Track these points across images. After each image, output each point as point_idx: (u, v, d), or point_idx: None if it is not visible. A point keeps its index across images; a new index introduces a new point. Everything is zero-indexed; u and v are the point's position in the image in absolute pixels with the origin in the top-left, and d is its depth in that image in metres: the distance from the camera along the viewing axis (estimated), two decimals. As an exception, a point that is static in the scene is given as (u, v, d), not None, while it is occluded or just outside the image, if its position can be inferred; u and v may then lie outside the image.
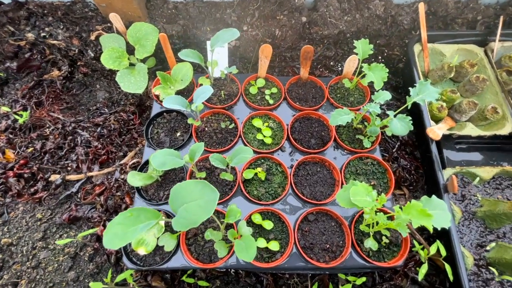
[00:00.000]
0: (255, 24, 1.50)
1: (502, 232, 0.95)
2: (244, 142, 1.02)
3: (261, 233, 0.89)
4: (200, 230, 0.88)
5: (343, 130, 1.07)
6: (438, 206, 0.71)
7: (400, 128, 0.84)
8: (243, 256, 0.62)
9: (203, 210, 0.54)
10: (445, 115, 1.11)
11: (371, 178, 0.98)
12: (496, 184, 1.03)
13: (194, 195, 0.57)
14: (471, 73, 1.17)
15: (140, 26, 1.22)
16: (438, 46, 1.25)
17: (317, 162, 1.01)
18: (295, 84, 1.17)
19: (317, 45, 1.45)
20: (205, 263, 0.84)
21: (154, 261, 0.85)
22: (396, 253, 0.87)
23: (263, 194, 0.94)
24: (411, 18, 1.49)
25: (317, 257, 0.86)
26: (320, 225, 0.90)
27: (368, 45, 0.97)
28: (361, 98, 1.14)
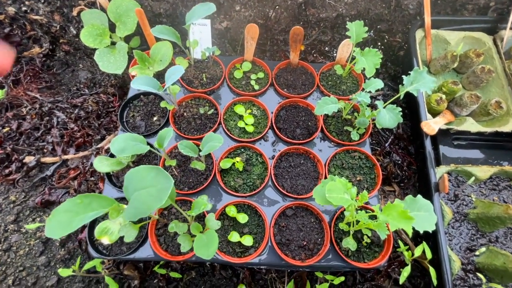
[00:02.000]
0: (249, 3, 1.40)
1: (495, 236, 0.88)
2: (224, 129, 0.95)
3: (235, 226, 0.84)
4: (171, 219, 0.83)
5: (332, 121, 0.99)
6: (423, 207, 0.64)
7: (388, 120, 0.76)
8: (201, 253, 0.57)
9: (154, 198, 0.49)
10: (444, 108, 1.02)
11: (357, 173, 0.91)
12: (493, 184, 0.96)
13: (146, 182, 0.51)
14: (476, 63, 1.08)
15: (121, 1, 1.14)
16: (442, 33, 1.15)
17: (301, 154, 0.95)
18: (284, 69, 1.09)
19: (313, 28, 1.35)
20: (173, 255, 0.80)
21: (121, 250, 0.81)
22: (377, 253, 0.81)
23: (241, 185, 0.88)
24: (418, 2, 1.37)
25: (293, 254, 0.81)
26: (299, 220, 0.85)
27: (363, 27, 0.88)
28: (354, 86, 1.06)
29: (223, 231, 0.83)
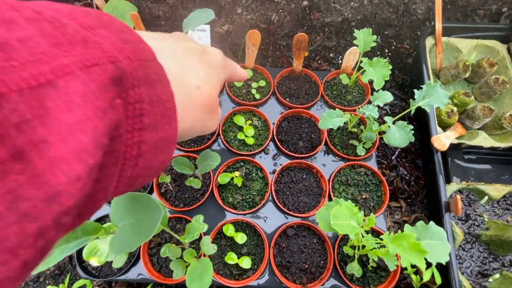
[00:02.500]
0: (251, 7, 1.35)
1: (509, 260, 0.83)
2: (223, 141, 0.90)
3: (232, 246, 0.79)
4: (165, 239, 0.79)
5: (336, 133, 0.94)
6: (436, 235, 0.59)
7: (399, 139, 0.71)
8: (194, 287, 0.52)
9: (139, 233, 0.44)
10: (455, 121, 0.97)
11: (363, 190, 0.86)
12: (507, 204, 0.90)
13: (134, 212, 0.46)
14: (489, 73, 1.02)
15: (117, 4, 1.10)
16: (454, 41, 1.10)
17: (303, 168, 0.90)
18: (287, 77, 1.04)
19: (317, 33, 1.30)
20: (167, 277, 0.75)
21: (111, 271, 0.76)
22: (384, 278, 0.76)
23: (239, 202, 0.84)
24: (427, 7, 1.32)
25: (294, 278, 0.76)
26: (300, 241, 0.80)
27: (371, 36, 0.83)
28: (360, 97, 1.00)
29: (220, 252, 0.78)
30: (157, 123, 0.21)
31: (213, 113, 0.30)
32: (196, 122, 0.28)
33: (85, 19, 0.18)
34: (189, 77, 0.27)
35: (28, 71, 0.13)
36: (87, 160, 0.15)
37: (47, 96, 0.14)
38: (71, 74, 0.15)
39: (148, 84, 0.20)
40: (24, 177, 0.13)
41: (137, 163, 0.20)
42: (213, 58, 0.31)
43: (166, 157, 0.23)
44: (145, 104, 0.19)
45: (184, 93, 0.26)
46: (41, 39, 0.15)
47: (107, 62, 0.17)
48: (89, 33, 0.17)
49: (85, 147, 0.15)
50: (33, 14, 0.15)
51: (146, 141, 0.20)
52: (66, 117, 0.15)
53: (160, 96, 0.21)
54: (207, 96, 0.28)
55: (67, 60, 0.15)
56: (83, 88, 0.15)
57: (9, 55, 0.13)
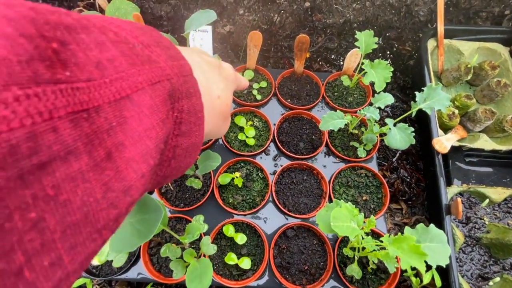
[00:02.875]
0: (253, 7, 1.35)
1: (509, 263, 0.83)
2: (224, 141, 0.91)
3: (232, 247, 0.79)
4: (165, 239, 0.79)
5: (337, 135, 0.94)
6: (436, 238, 0.59)
7: (399, 141, 0.71)
8: (194, 287, 0.52)
9: (139, 233, 0.44)
10: (456, 123, 0.97)
11: (363, 192, 0.86)
12: (508, 207, 0.90)
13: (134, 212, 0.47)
14: (491, 76, 1.02)
15: (120, 4, 1.10)
16: (455, 43, 1.09)
17: (304, 169, 0.90)
18: (288, 78, 1.04)
19: (319, 35, 1.30)
20: (167, 276, 0.75)
21: (111, 270, 0.77)
22: (383, 280, 0.76)
23: (240, 202, 0.84)
24: (429, 9, 1.32)
25: (293, 279, 0.76)
26: (300, 242, 0.80)
27: (373, 37, 0.83)
28: (362, 98, 1.00)
29: (219, 252, 0.78)
30: (191, 130, 0.24)
31: (227, 120, 0.35)
32: (214, 128, 0.32)
33: (143, 37, 0.21)
34: (212, 88, 0.30)
35: (114, 86, 0.16)
36: (150, 161, 0.19)
37: (125, 107, 0.17)
38: (143, 89, 0.18)
39: (188, 96, 0.23)
40: (112, 172, 0.16)
41: (170, 164, 0.23)
42: (228, 72, 0.36)
43: (192, 159, 0.27)
44: (184, 114, 0.23)
45: (209, 102, 0.29)
46: (123, 59, 0.18)
47: (165, 79, 0.20)
48: (148, 51, 0.20)
49: (149, 150, 0.18)
50: (114, 37, 0.18)
51: (180, 146, 0.23)
52: (137, 125, 0.18)
53: (195, 107, 0.24)
54: (225, 105, 0.32)
55: (140, 78, 0.18)
56: (150, 101, 0.19)
57: (103, 73, 0.16)
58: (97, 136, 0.15)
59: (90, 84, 0.15)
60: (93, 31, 0.17)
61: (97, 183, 0.15)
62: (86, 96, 0.15)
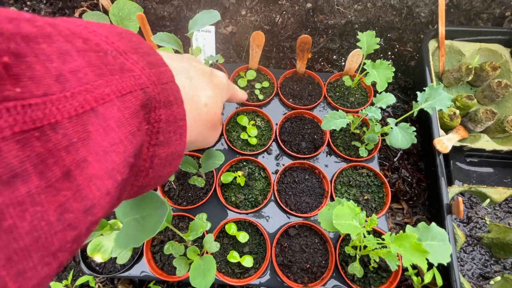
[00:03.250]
0: (255, 8, 1.36)
1: (510, 263, 0.83)
2: (226, 141, 0.91)
3: (235, 245, 0.80)
4: (168, 237, 0.80)
5: (339, 135, 0.95)
6: (438, 237, 0.60)
7: (401, 140, 0.71)
8: (197, 283, 0.53)
9: (145, 229, 0.44)
10: (457, 124, 0.97)
11: (365, 192, 0.87)
12: (509, 207, 0.90)
13: (140, 208, 0.47)
14: (492, 77, 1.03)
15: (123, 4, 1.11)
16: (457, 44, 1.10)
17: (306, 169, 0.90)
18: (290, 78, 1.05)
19: (320, 35, 1.31)
20: (170, 274, 0.76)
21: (114, 267, 0.77)
22: (385, 279, 0.77)
23: (242, 201, 0.84)
24: (430, 11, 1.32)
25: (295, 277, 0.77)
26: (302, 241, 0.80)
27: (374, 38, 0.84)
28: (363, 98, 1.01)
29: (222, 250, 0.79)
30: (170, 139, 0.23)
31: (215, 129, 0.34)
32: (200, 136, 0.31)
33: (120, 43, 0.20)
34: (199, 96, 0.30)
35: (77, 99, 0.16)
36: (116, 177, 0.18)
37: (90, 121, 0.16)
38: (110, 102, 0.17)
39: (167, 105, 0.22)
40: (71, 193, 0.15)
41: (148, 173, 0.22)
42: (219, 80, 0.35)
43: (173, 168, 0.26)
44: (162, 123, 0.22)
45: (195, 109, 0.29)
46: (89, 70, 0.17)
47: (138, 89, 0.19)
48: (123, 58, 0.20)
49: (116, 166, 0.17)
50: (82, 45, 0.17)
51: (159, 155, 0.22)
52: (103, 140, 0.17)
53: (176, 115, 0.23)
54: (213, 113, 0.31)
55: (107, 90, 0.17)
56: (118, 114, 0.18)
57: (63, 86, 0.15)
58: (52, 155, 0.14)
59: (47, 99, 0.14)
60: (57, 39, 0.16)
61: (50, 205, 0.14)
62: (40, 112, 0.14)
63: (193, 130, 0.29)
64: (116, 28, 0.22)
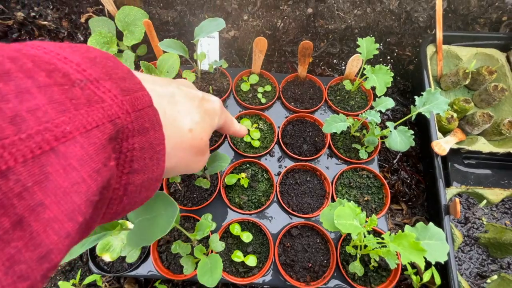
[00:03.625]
0: (257, 13, 1.39)
1: (507, 262, 0.86)
2: (230, 143, 0.94)
3: (239, 245, 0.82)
4: (174, 237, 0.82)
5: (339, 137, 0.97)
6: (435, 236, 0.62)
7: (400, 143, 0.74)
8: (205, 280, 0.55)
9: (157, 228, 0.47)
10: (455, 126, 1.00)
11: (365, 193, 0.89)
12: (505, 208, 0.93)
13: (151, 209, 0.50)
14: (489, 81, 1.05)
15: (129, 11, 1.14)
16: (454, 49, 1.13)
17: (307, 171, 0.93)
18: (292, 82, 1.07)
19: (321, 40, 1.33)
20: (175, 273, 0.78)
21: (122, 267, 0.80)
22: (385, 278, 0.79)
23: (245, 202, 0.87)
24: (428, 15, 1.35)
25: (297, 276, 0.79)
26: (304, 240, 0.83)
27: (374, 44, 0.87)
28: (363, 102, 1.04)
29: (226, 250, 0.81)
30: (146, 165, 0.22)
31: (200, 155, 0.32)
32: (181, 162, 0.30)
33: (93, 70, 0.19)
34: (183, 121, 0.29)
35: (34, 140, 0.15)
36: (77, 218, 0.17)
37: (48, 162, 0.15)
38: (72, 139, 0.16)
39: (141, 132, 0.21)
40: (22, 242, 0.14)
41: (122, 200, 0.22)
42: (211, 105, 0.34)
43: (151, 192, 0.25)
44: (136, 151, 0.21)
45: (176, 135, 0.28)
46: (49, 107, 0.16)
47: (107, 122, 0.18)
48: (94, 87, 0.19)
49: (77, 207, 0.17)
50: (45, 79, 0.16)
51: (133, 183, 0.22)
52: (63, 180, 0.16)
53: (152, 142, 0.23)
54: (198, 139, 0.30)
55: (69, 127, 0.16)
56: (81, 152, 0.17)
57: (19, 127, 0.14)
58: (1, 206, 0.13)
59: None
60: (15, 77, 0.15)
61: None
62: None
63: (173, 156, 0.27)
64: (91, 52, 0.21)
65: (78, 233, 0.17)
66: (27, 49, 0.18)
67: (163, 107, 0.26)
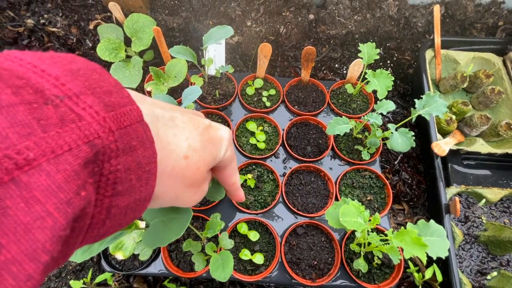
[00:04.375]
0: (260, 19, 1.43)
1: (506, 259, 0.88)
2: (236, 145, 0.97)
3: (246, 243, 0.85)
4: (183, 236, 0.85)
5: (342, 139, 1.00)
6: (436, 232, 0.65)
7: (401, 144, 0.77)
8: (217, 275, 0.58)
9: (172, 230, 0.49)
10: (454, 128, 1.03)
11: (367, 193, 0.92)
12: (504, 207, 0.95)
13: (166, 211, 0.52)
14: (486, 84, 1.09)
15: (138, 18, 1.18)
16: (452, 53, 1.17)
17: (311, 172, 0.96)
18: (295, 86, 1.11)
19: (323, 45, 1.37)
20: (185, 271, 0.81)
21: (133, 265, 0.82)
22: (388, 275, 0.81)
23: (252, 202, 0.90)
24: (426, 21, 1.39)
25: (303, 274, 0.81)
26: (309, 239, 0.85)
27: (374, 49, 0.90)
28: (364, 105, 1.07)
29: (234, 248, 0.84)
30: (132, 187, 0.20)
31: (195, 187, 0.28)
32: (169, 192, 0.26)
33: (73, 83, 0.17)
34: (178, 145, 0.25)
35: None
36: (41, 258, 0.15)
37: (7, 195, 0.14)
38: (37, 167, 0.14)
39: (127, 152, 0.19)
40: None
41: (104, 223, 0.19)
42: (218, 134, 0.30)
43: (138, 213, 0.22)
44: (120, 173, 0.19)
45: (168, 160, 0.25)
46: (11, 131, 0.14)
47: (83, 143, 0.16)
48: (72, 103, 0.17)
49: (41, 245, 0.15)
50: (11, 97, 0.15)
51: (117, 206, 0.20)
52: (24, 215, 0.14)
53: (140, 161, 0.20)
54: (194, 169, 0.27)
55: (34, 153, 0.14)
56: (47, 182, 0.15)
57: None
58: None
59: None
60: None
61: None
62: None
63: (161, 184, 0.24)
64: (75, 63, 0.19)
65: (44, 273, 0.15)
66: (1, 61, 0.16)
67: (156, 128, 0.23)
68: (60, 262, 0.17)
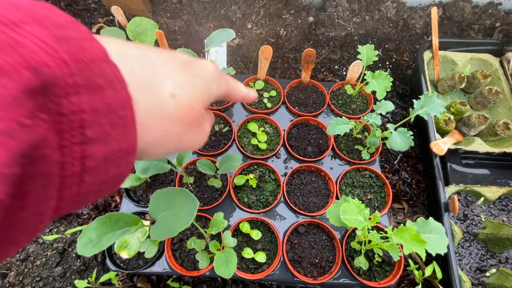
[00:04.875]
0: (260, 22, 1.46)
1: (505, 257, 0.89)
2: (238, 146, 0.99)
3: (248, 242, 0.86)
4: (186, 235, 0.86)
5: (342, 139, 1.02)
6: (435, 230, 0.66)
7: (400, 143, 0.79)
8: (221, 272, 0.59)
9: (181, 220, 0.51)
10: (452, 128, 1.05)
11: (368, 192, 0.94)
12: (502, 205, 0.97)
13: (173, 204, 0.54)
14: (483, 84, 1.11)
15: (140, 21, 1.20)
16: (450, 54, 1.18)
17: (312, 171, 0.97)
18: (296, 87, 1.12)
19: (322, 47, 1.39)
20: (189, 270, 0.82)
21: (138, 264, 0.83)
22: (388, 272, 0.83)
23: (254, 202, 0.91)
24: (424, 22, 1.41)
25: (305, 272, 0.83)
26: (311, 238, 0.87)
27: (373, 51, 0.92)
28: (364, 105, 1.09)
29: (236, 247, 0.85)
30: (106, 134, 0.18)
31: (195, 127, 0.26)
32: (169, 136, 0.24)
33: (12, 14, 0.15)
34: (161, 84, 0.23)
35: None
36: None
37: None
38: None
39: (91, 90, 0.17)
40: None
41: (83, 179, 0.17)
42: (203, 68, 0.27)
43: (123, 169, 0.20)
44: (86, 114, 0.17)
45: (152, 100, 0.22)
46: None
47: (23, 68, 0.14)
48: (10, 30, 0.14)
49: None
50: None
51: (92, 156, 0.17)
52: None
53: (110, 103, 0.18)
54: (186, 107, 0.24)
55: None
56: None
57: None
58: None
59: None
60: None
61: None
62: None
63: (154, 127, 0.22)
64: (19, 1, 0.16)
65: None
66: None
67: (130, 67, 0.21)
68: (22, 216, 0.14)
